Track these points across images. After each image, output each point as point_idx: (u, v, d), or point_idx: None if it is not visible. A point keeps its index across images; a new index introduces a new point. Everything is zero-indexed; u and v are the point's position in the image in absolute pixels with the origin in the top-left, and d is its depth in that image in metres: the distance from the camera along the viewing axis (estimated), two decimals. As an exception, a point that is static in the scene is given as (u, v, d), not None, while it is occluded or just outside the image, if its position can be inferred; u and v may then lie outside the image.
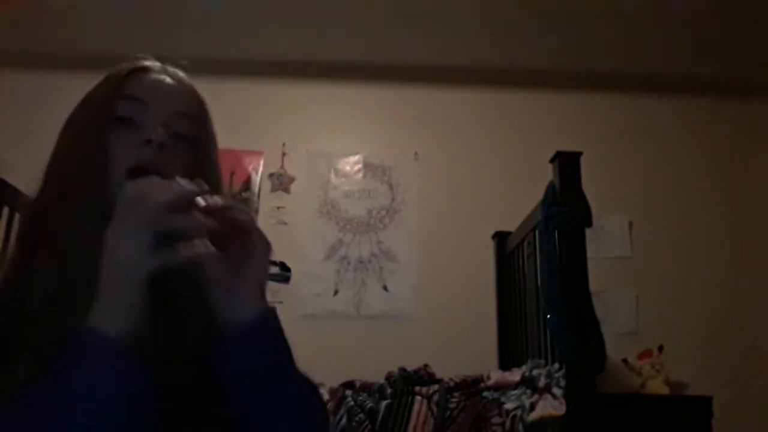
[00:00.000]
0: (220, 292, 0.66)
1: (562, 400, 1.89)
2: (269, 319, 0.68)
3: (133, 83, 0.74)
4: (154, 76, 0.76)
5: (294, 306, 3.07)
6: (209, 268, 0.66)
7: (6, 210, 2.48)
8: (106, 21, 3.17)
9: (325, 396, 2.35)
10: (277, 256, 3.22)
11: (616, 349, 2.46)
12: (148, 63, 0.78)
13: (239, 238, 0.66)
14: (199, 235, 0.60)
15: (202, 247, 0.60)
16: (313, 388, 0.72)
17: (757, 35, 3.20)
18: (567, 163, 2.12)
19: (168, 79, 0.77)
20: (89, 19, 3.17)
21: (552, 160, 2.17)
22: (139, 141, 0.70)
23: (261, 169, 3.38)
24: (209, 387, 0.66)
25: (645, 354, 2.90)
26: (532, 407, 1.97)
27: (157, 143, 0.70)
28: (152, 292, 0.60)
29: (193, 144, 0.75)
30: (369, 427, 2.28)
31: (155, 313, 0.64)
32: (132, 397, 0.58)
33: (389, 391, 2.41)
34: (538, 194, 2.23)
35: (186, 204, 0.60)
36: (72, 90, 0.84)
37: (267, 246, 0.68)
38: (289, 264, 3.21)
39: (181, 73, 0.80)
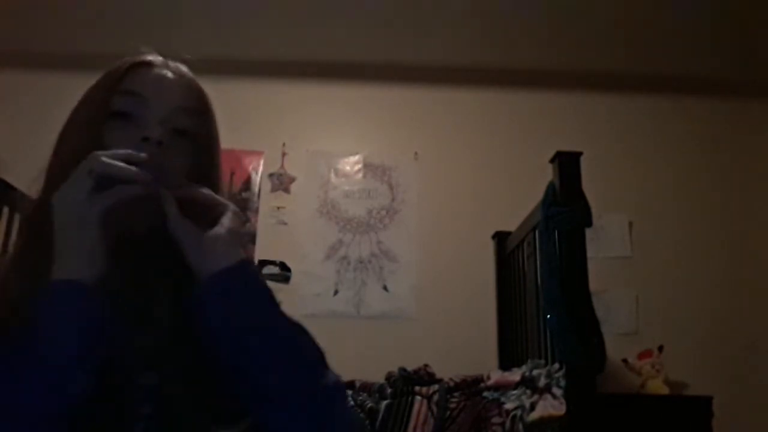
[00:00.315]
0: (192, 251, 0.66)
1: (562, 400, 1.88)
2: (245, 267, 0.68)
3: (134, 78, 0.73)
4: (156, 71, 0.75)
5: (294, 306, 3.00)
6: (178, 230, 0.67)
7: (6, 210, 2.48)
8: (106, 21, 3.17)
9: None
10: (277, 256, 3.24)
11: (616, 349, 2.46)
12: (150, 58, 0.76)
13: (209, 212, 0.69)
14: (132, 179, 0.63)
15: (135, 189, 0.63)
16: (302, 330, 0.70)
17: (756, 35, 3.20)
18: (567, 163, 2.12)
19: (170, 74, 0.75)
20: (89, 19, 3.17)
21: (552, 160, 2.17)
22: (137, 138, 0.68)
23: (261, 169, 3.38)
24: (187, 330, 0.66)
25: (645, 354, 2.90)
26: (532, 407, 1.97)
27: (155, 141, 0.68)
28: (120, 247, 0.64)
29: (192, 139, 0.73)
30: (369, 427, 2.28)
31: (125, 264, 0.67)
32: (100, 329, 0.59)
33: (389, 391, 2.41)
34: (538, 194, 2.23)
35: (122, 157, 0.64)
36: (72, 90, 0.83)
37: (235, 213, 0.70)
38: (289, 264, 3.22)
39: (183, 68, 0.78)
